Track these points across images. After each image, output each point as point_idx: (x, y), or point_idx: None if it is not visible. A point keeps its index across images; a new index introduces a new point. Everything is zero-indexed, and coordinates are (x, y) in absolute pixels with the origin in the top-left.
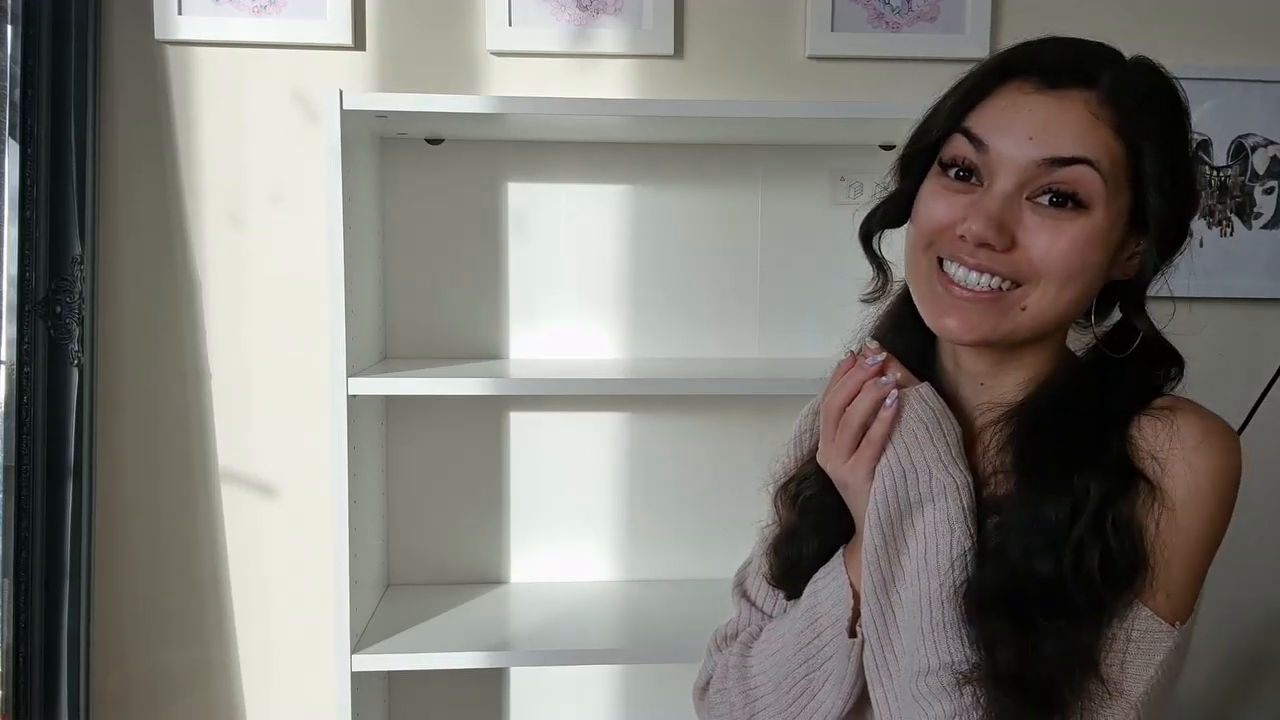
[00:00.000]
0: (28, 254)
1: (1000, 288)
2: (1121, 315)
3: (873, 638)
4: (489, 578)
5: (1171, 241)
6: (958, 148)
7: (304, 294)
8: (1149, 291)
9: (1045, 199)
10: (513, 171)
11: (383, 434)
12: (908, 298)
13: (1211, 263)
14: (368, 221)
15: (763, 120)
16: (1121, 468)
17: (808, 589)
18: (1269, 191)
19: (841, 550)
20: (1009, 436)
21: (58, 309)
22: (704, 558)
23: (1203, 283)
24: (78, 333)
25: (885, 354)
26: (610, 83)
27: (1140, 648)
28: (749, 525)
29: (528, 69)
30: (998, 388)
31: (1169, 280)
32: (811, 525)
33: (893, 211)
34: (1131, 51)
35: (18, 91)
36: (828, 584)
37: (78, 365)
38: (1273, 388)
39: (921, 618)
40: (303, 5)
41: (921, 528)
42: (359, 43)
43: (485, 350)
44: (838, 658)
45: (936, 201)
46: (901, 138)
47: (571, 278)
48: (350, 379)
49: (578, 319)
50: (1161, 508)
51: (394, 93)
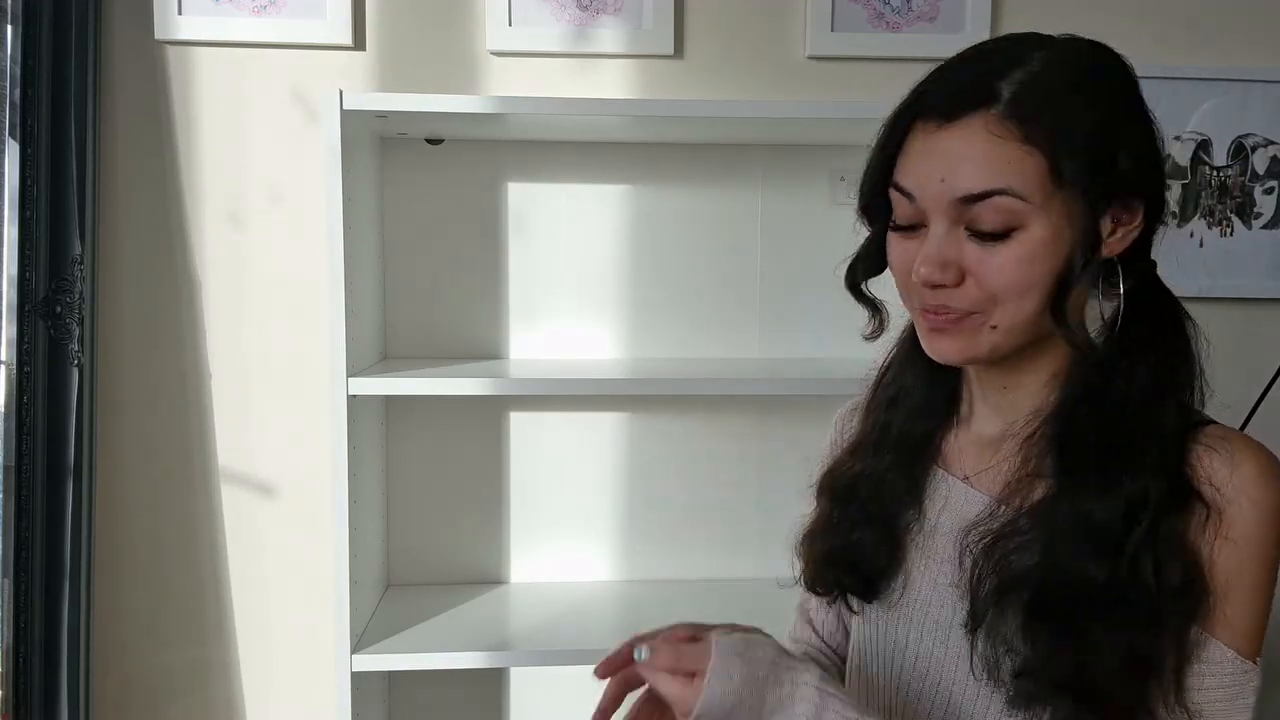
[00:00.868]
0: (28, 254)
1: (967, 312)
2: (1132, 285)
3: None
4: (489, 578)
5: (1152, 200)
6: (896, 203)
7: (304, 294)
8: (1133, 258)
9: (974, 236)
10: (513, 171)
11: (383, 434)
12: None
13: (1212, 263)
14: (368, 221)
15: (763, 120)
16: (1177, 483)
17: None
18: (1269, 191)
19: None
20: (1048, 437)
21: (58, 309)
22: (704, 558)
23: (1203, 283)
24: (78, 333)
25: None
26: (610, 83)
27: (1235, 693)
28: (749, 525)
29: (528, 69)
30: (1021, 389)
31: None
32: (850, 516)
33: (870, 261)
34: (1124, 47)
35: (18, 91)
36: None
37: (78, 365)
38: (1273, 388)
39: None
40: (303, 5)
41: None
42: (359, 43)
43: (485, 350)
44: None
45: (894, 256)
46: None
47: (572, 278)
48: (350, 379)
49: (578, 319)
50: (1220, 538)
51: (394, 93)
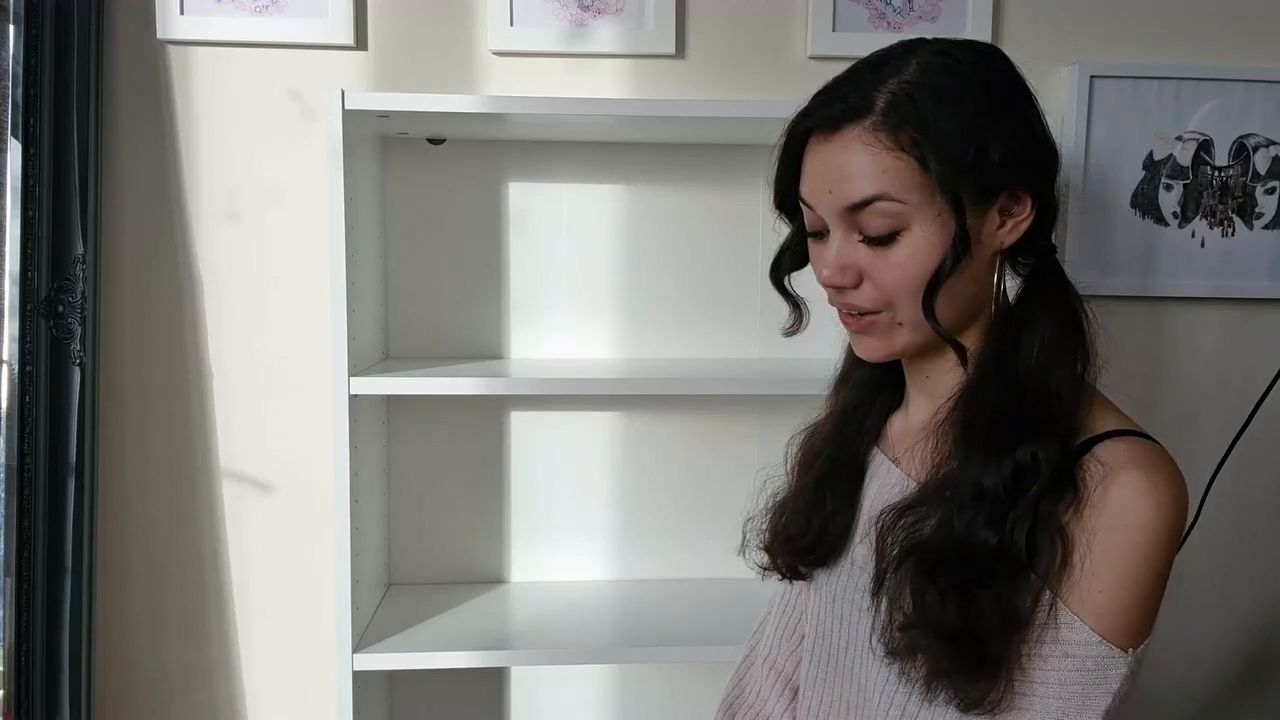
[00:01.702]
0: (30, 253)
1: (875, 311)
2: (1033, 272)
3: None
4: (489, 577)
5: (1039, 191)
6: (805, 213)
7: (306, 294)
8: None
9: (864, 240)
10: (514, 171)
11: (384, 433)
12: None
13: (1213, 263)
14: (369, 221)
15: (764, 120)
16: (1063, 470)
17: None
18: (1270, 192)
19: None
20: (953, 421)
21: (60, 308)
22: (705, 557)
23: (1204, 283)
24: (80, 332)
25: None
26: (611, 82)
27: (1093, 677)
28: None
29: (529, 69)
30: (941, 375)
31: (1171, 281)
32: (812, 495)
33: (794, 256)
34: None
35: (20, 91)
36: None
37: (80, 365)
38: (1274, 388)
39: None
40: (304, 5)
41: None
42: (360, 42)
43: (486, 350)
44: None
45: (812, 261)
46: None
47: (573, 278)
48: (352, 378)
49: (579, 319)
50: (1082, 531)
51: (395, 92)
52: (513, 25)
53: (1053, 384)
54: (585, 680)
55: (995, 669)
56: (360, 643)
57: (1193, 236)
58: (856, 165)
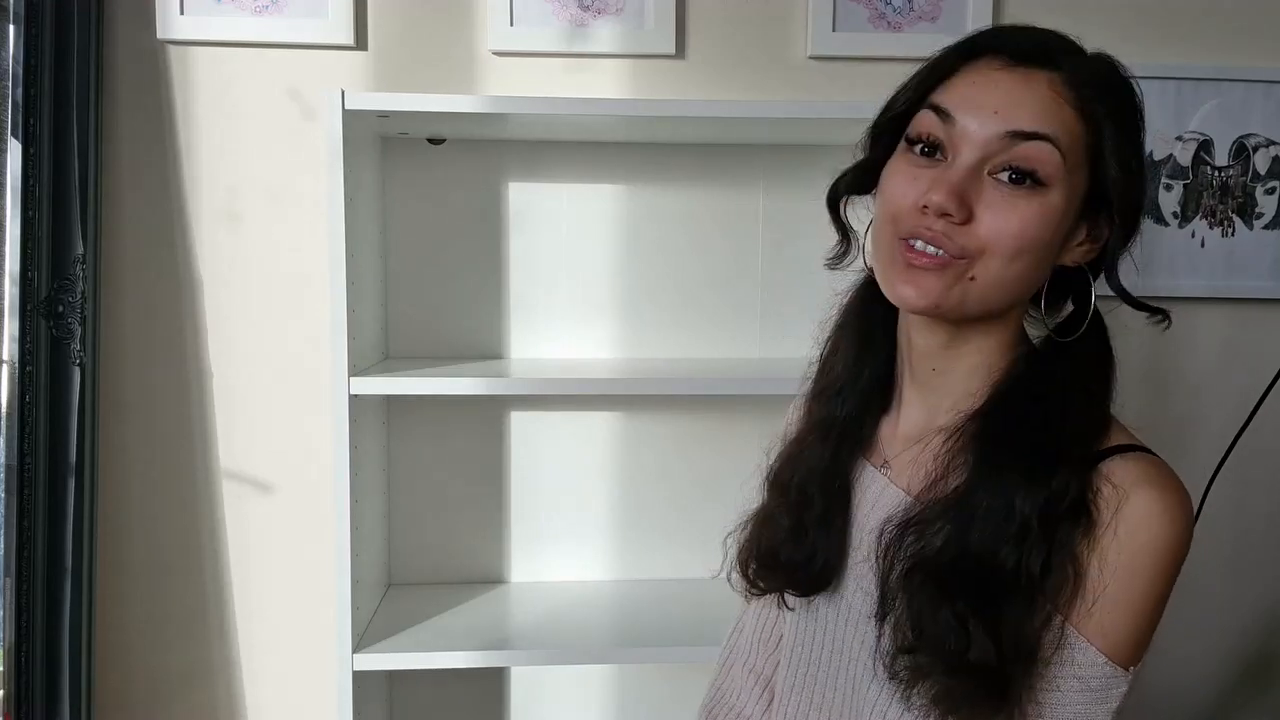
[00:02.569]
0: (30, 253)
1: (953, 256)
2: (1074, 305)
3: None
4: (489, 578)
5: (1127, 226)
6: (924, 123)
7: (306, 294)
8: (1097, 278)
9: (1005, 175)
10: (514, 171)
11: (384, 434)
12: (866, 290)
13: (1213, 263)
14: (369, 221)
15: (764, 120)
16: (1080, 496)
17: None
18: (1270, 192)
19: None
20: (973, 434)
21: (60, 308)
22: (705, 558)
23: (1204, 283)
24: (80, 332)
25: None
26: (611, 82)
27: (1096, 697)
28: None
29: (529, 69)
30: (951, 372)
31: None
32: (791, 513)
33: (860, 179)
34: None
35: (20, 91)
36: None
37: (80, 364)
38: (1274, 388)
39: None
40: (304, 5)
41: None
42: (360, 42)
43: (486, 350)
44: None
45: (902, 178)
46: None
47: (573, 278)
48: (352, 378)
49: (579, 319)
50: (1098, 555)
51: (395, 92)
52: (513, 25)
53: (1090, 417)
54: (585, 680)
55: (1008, 701)
56: (360, 643)
57: (1193, 236)
58: (1039, 101)
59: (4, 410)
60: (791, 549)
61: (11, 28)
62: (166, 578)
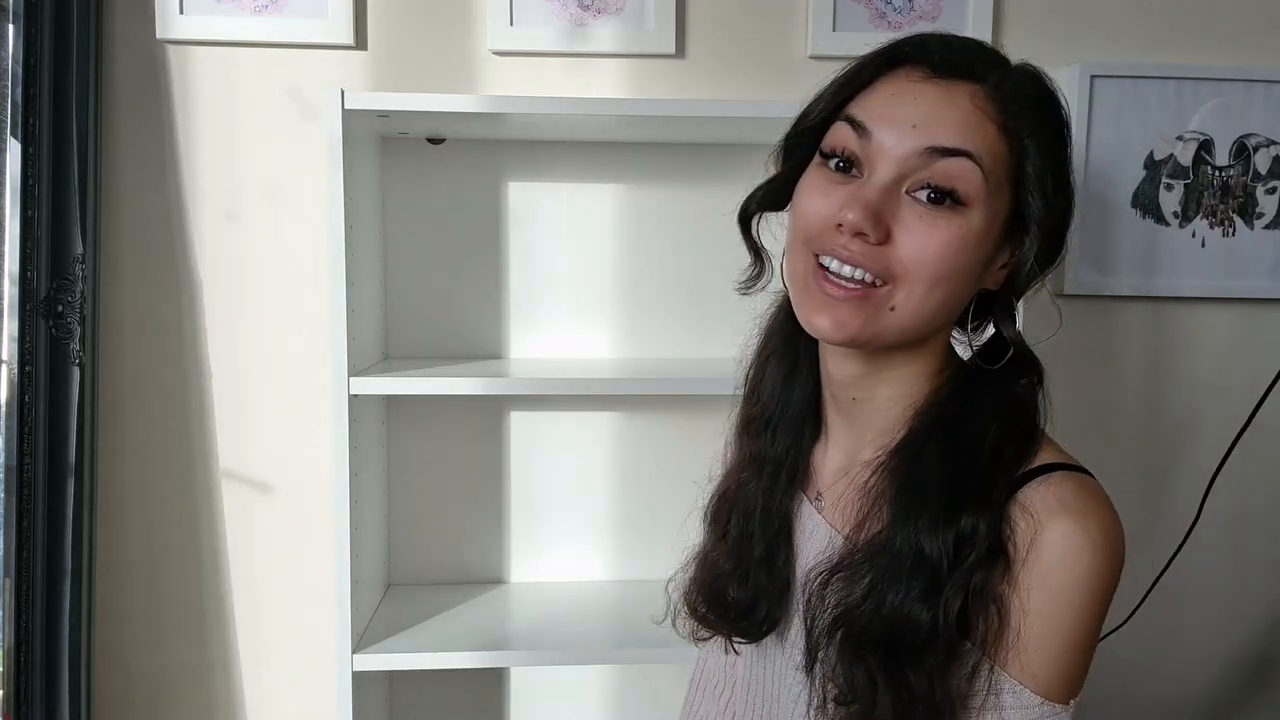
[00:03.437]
0: (29, 253)
1: (871, 282)
2: (994, 328)
3: None
4: (489, 578)
5: (1050, 250)
6: (839, 136)
7: (305, 294)
8: (1020, 300)
9: (924, 194)
10: (514, 171)
11: (384, 434)
12: (786, 310)
13: (1213, 263)
14: (369, 221)
15: (764, 120)
16: (993, 536)
17: None
18: (1271, 192)
19: None
20: (891, 470)
21: (59, 308)
22: None
23: (1205, 283)
24: (79, 332)
25: None
26: (612, 82)
27: None
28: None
29: (529, 68)
30: (871, 401)
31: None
32: (733, 554)
33: (773, 195)
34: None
35: (19, 90)
36: None
37: (79, 364)
38: (1275, 389)
39: None
40: (304, 4)
41: None
42: (360, 42)
43: (486, 350)
44: None
45: (816, 194)
46: None
47: (573, 277)
48: (351, 378)
49: (579, 319)
50: (1015, 591)
51: (395, 92)
52: (512, 25)
53: (1006, 450)
54: (585, 680)
55: None
56: (360, 643)
57: (1193, 236)
58: (961, 115)
59: (3, 410)
60: (736, 593)
61: (11, 27)
62: (166, 578)
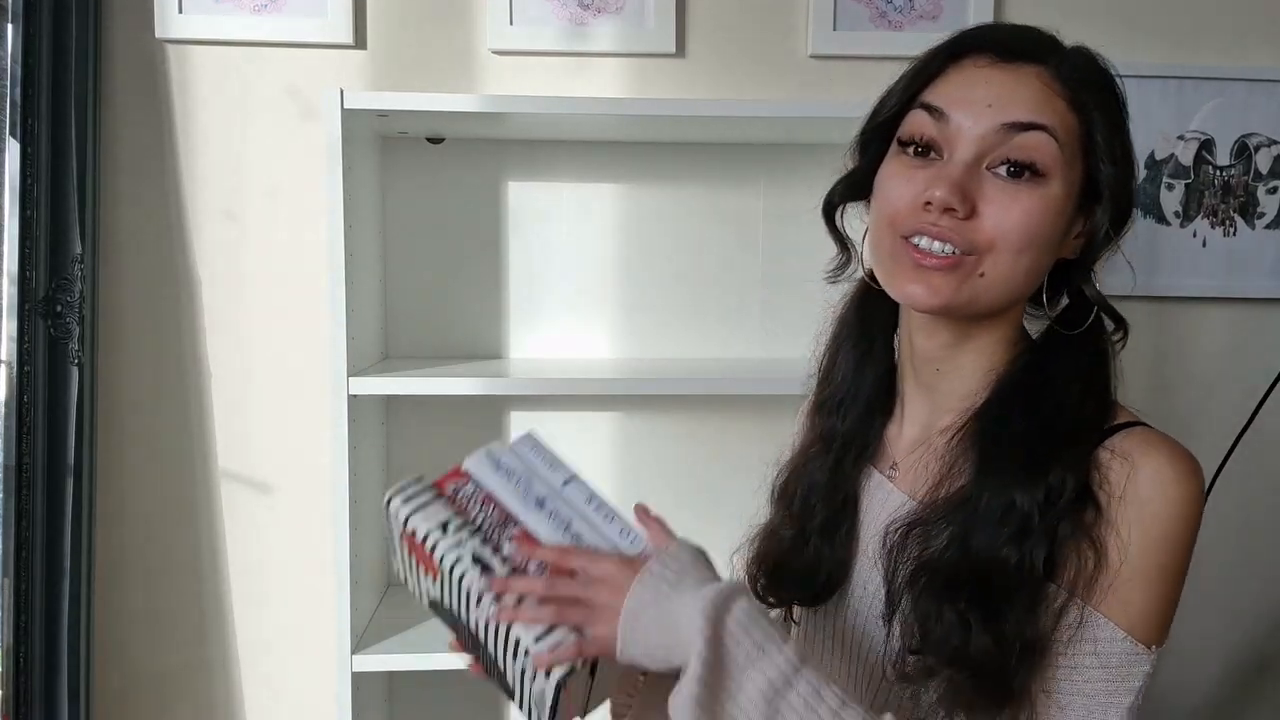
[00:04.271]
0: (28, 253)
1: (958, 253)
2: (1069, 299)
3: None
4: None
5: (1120, 215)
6: (916, 123)
7: (305, 293)
8: (1098, 266)
9: (1004, 169)
10: (514, 171)
11: (383, 434)
12: (861, 298)
13: (1215, 263)
14: (368, 221)
15: (765, 119)
16: (1082, 482)
17: None
18: (1272, 191)
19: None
20: (974, 432)
21: (58, 308)
22: None
23: (1206, 283)
24: (78, 332)
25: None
26: (612, 82)
27: (1117, 674)
28: (750, 525)
29: (529, 68)
30: (953, 373)
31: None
32: (799, 527)
33: (853, 187)
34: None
35: (18, 90)
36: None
37: (78, 364)
38: (1276, 388)
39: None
40: (303, 4)
41: None
42: (360, 41)
43: (486, 350)
44: None
45: (899, 180)
46: None
47: (572, 277)
48: (351, 379)
49: (579, 318)
50: (1113, 533)
51: (395, 92)
52: (512, 24)
53: (1088, 410)
54: None
55: (1018, 696)
56: (360, 643)
57: (1194, 236)
58: (1031, 93)
59: (2, 410)
60: (796, 560)
61: (9, 26)
62: (166, 578)
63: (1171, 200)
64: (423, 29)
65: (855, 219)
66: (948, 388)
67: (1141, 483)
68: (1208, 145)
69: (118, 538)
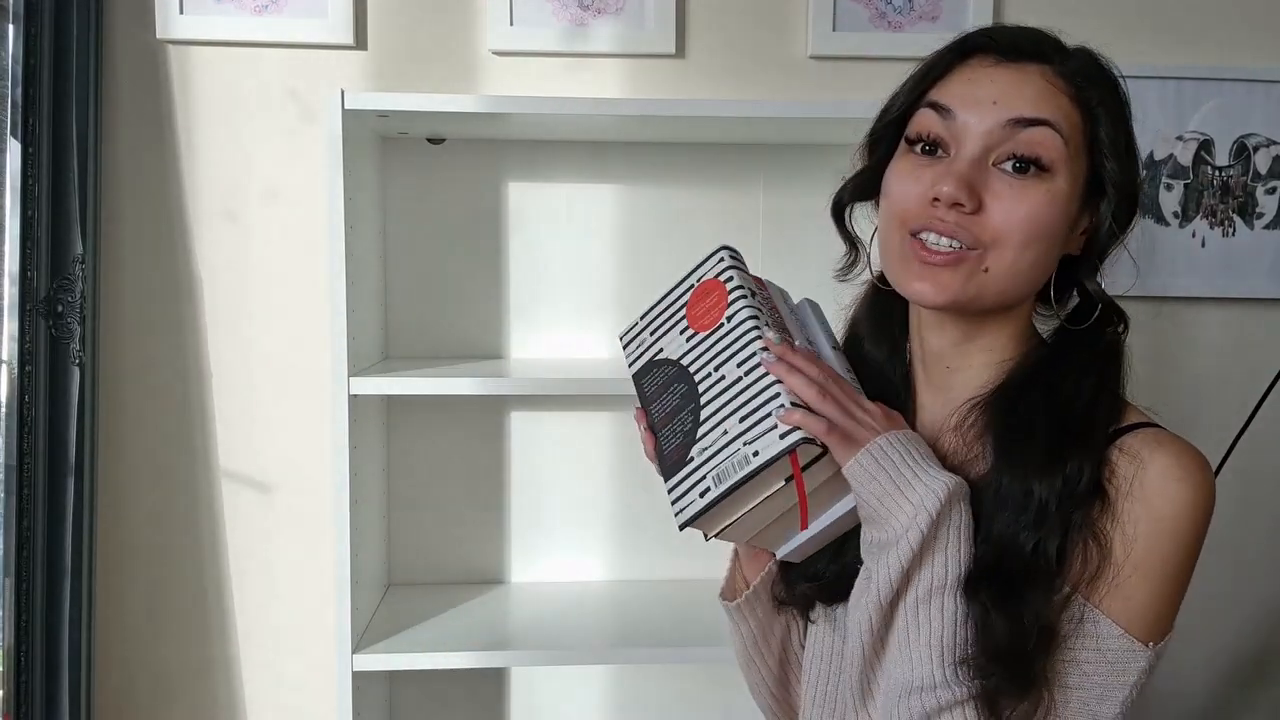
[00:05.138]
0: (29, 253)
1: (963, 248)
2: (1077, 295)
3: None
4: (489, 578)
5: (1125, 210)
6: (924, 122)
7: (305, 293)
8: (1105, 263)
9: (1009, 164)
10: (514, 171)
11: (384, 434)
12: (873, 299)
13: (1213, 263)
14: (369, 221)
15: (764, 120)
16: (1094, 478)
17: None
18: (1271, 192)
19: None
20: (988, 421)
21: (59, 308)
22: (705, 558)
23: (1204, 283)
24: (79, 332)
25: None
26: (611, 82)
27: (1114, 669)
28: None
29: (529, 68)
30: (964, 370)
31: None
32: None
33: (862, 186)
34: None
35: (19, 90)
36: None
37: (79, 364)
38: (1274, 389)
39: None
40: (304, 4)
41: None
42: (360, 42)
43: (486, 350)
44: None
45: (907, 178)
46: None
47: (573, 277)
48: (351, 378)
49: (579, 319)
50: (1118, 529)
51: (395, 92)
52: (513, 25)
53: (1101, 405)
54: (585, 680)
55: (1035, 684)
56: (360, 643)
57: (1193, 236)
58: (1035, 90)
59: (3, 410)
60: (815, 557)
61: (10, 27)
62: (166, 577)
63: (1170, 200)
64: (423, 30)
65: (863, 219)
66: (960, 385)
67: (1149, 480)
68: (1206, 145)
69: (118, 538)
